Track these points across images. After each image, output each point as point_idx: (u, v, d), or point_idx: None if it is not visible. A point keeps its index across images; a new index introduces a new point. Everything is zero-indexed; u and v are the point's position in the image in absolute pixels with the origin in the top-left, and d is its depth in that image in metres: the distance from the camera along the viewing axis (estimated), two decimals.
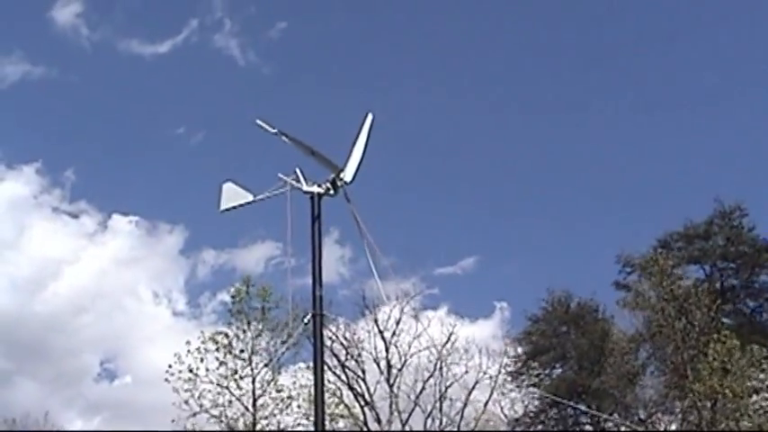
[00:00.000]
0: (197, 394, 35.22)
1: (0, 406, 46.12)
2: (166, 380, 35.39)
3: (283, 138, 14.81)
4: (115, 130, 72.86)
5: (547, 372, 46.52)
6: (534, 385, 45.89)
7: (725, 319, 37.17)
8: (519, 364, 45.36)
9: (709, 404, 33.43)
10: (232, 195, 15.08)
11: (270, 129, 14.77)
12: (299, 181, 14.72)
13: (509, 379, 43.99)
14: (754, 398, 33.74)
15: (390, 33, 76.13)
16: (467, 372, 40.89)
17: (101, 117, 73.40)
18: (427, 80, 72.28)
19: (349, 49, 76.12)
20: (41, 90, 70.79)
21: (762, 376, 33.91)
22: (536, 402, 45.03)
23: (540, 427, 44.90)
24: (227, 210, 15.04)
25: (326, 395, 33.81)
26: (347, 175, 14.97)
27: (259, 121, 14.84)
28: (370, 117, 15.72)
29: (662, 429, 39.91)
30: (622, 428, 41.90)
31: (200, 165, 67.07)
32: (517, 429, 44.04)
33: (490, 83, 73.71)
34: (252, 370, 36.11)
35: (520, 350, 45.68)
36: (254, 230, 54.00)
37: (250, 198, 15.08)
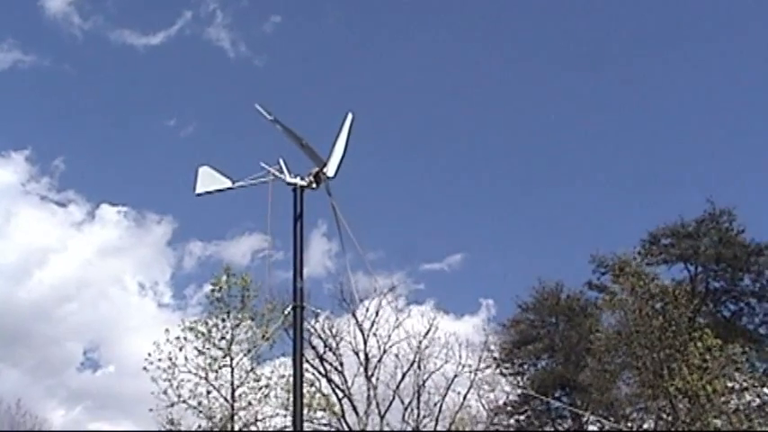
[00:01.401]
0: (175, 384, 35.08)
1: None
2: (145, 368, 35.26)
3: (277, 126, 14.86)
4: (106, 120, 73.45)
5: (533, 362, 46.73)
6: (519, 374, 46.15)
7: (704, 321, 37.36)
8: (504, 353, 45.53)
9: (685, 403, 33.65)
10: (208, 180, 15.05)
11: (267, 115, 14.82)
12: (281, 171, 14.74)
13: (493, 366, 44.11)
14: (732, 397, 34.00)
15: (380, 29, 76.50)
16: (446, 362, 41.13)
17: (92, 107, 73.98)
18: (416, 76, 72.68)
19: (340, 44, 76.36)
20: (32, 78, 71.27)
21: (739, 376, 34.16)
22: (518, 392, 45.22)
23: (522, 417, 45.10)
24: (202, 194, 15.02)
25: (305, 386, 33.82)
26: (330, 170, 15.07)
27: (257, 106, 14.88)
28: (350, 117, 15.96)
29: (637, 428, 40.19)
30: (606, 426, 42.17)
31: (190, 156, 66.29)
32: (496, 422, 44.25)
33: (477, 78, 73.98)
34: (231, 360, 35.98)
35: (506, 338, 45.92)
36: (243, 222, 54.18)
37: (228, 184, 15.07)
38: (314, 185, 14.93)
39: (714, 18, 71.81)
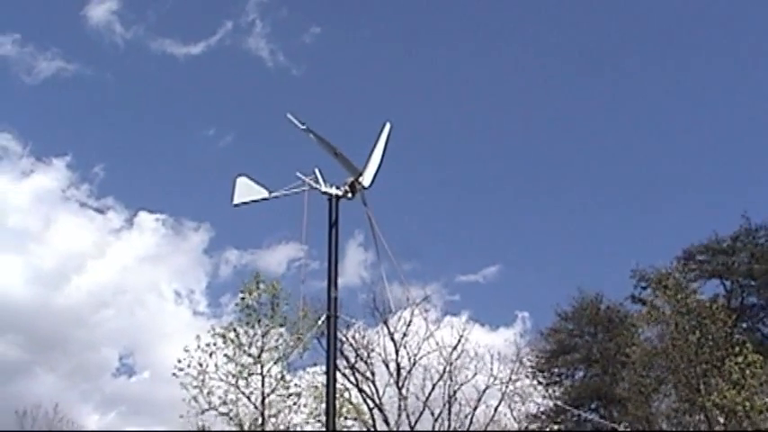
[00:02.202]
0: (206, 391, 35.03)
1: (17, 397, 46.48)
2: (174, 374, 35.24)
3: (310, 135, 14.71)
4: (146, 128, 74.04)
5: (570, 372, 46.19)
6: (555, 383, 45.64)
7: (741, 337, 36.64)
8: (541, 362, 45.02)
9: (722, 419, 33.04)
10: (246, 190, 15.00)
11: (299, 124, 14.69)
12: (317, 181, 14.61)
13: (528, 376, 43.61)
14: None
15: (418, 41, 76.46)
16: (476, 373, 40.72)
17: (132, 115, 74.29)
18: (454, 87, 72.62)
19: (377, 54, 76.63)
20: (75, 86, 71.69)
21: None
22: (554, 402, 44.69)
23: (555, 427, 44.56)
24: (239, 204, 14.96)
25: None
26: (365, 180, 14.89)
27: (289, 116, 14.75)
28: (388, 126, 15.77)
29: None
30: None
31: (228, 165, 67.62)
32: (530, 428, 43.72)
33: (516, 89, 73.94)
34: (261, 368, 35.87)
35: (544, 347, 45.41)
36: (279, 231, 54.08)
37: (265, 194, 14.97)
38: (349, 195, 14.76)
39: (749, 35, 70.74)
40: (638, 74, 72.20)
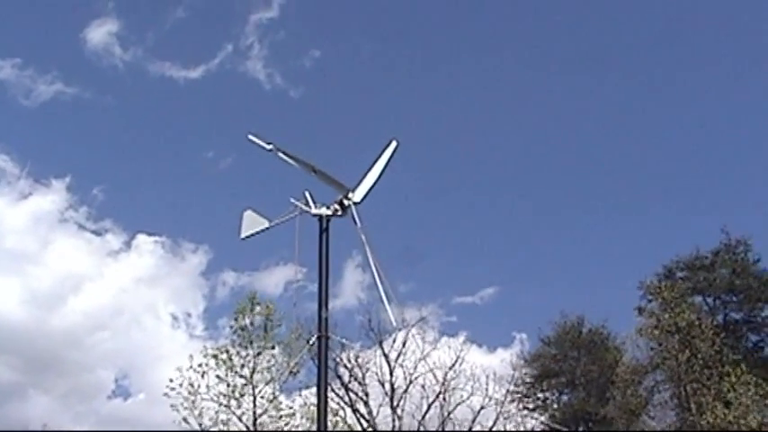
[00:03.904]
0: (197, 412, 34.98)
1: (11, 419, 46.30)
2: (166, 394, 35.18)
3: (280, 154, 14.82)
4: (145, 151, 73.97)
5: (555, 396, 46.25)
6: (541, 408, 45.69)
7: (733, 356, 36.82)
8: (527, 386, 45.07)
9: None
10: (251, 223, 15.45)
11: (264, 145, 14.81)
12: (308, 204, 14.76)
13: (515, 401, 43.68)
14: None
15: (418, 65, 76.90)
16: (472, 394, 40.68)
17: (131, 138, 73.95)
18: (452, 108, 72.86)
19: (377, 75, 76.79)
20: (74, 109, 71.52)
21: None
22: (540, 427, 44.74)
23: None
24: (247, 237, 15.31)
25: (329, 415, 33.57)
26: (356, 195, 14.98)
27: (251, 137, 14.91)
28: (393, 144, 15.82)
29: None
30: None
31: (227, 188, 67.58)
32: None
33: (513, 109, 74.33)
34: (253, 388, 35.84)
35: (529, 371, 45.47)
36: (277, 253, 53.91)
37: (266, 224, 15.24)
38: (339, 213, 14.88)
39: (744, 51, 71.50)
40: (619, 91, 72.87)
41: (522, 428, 43.66)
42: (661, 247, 59.13)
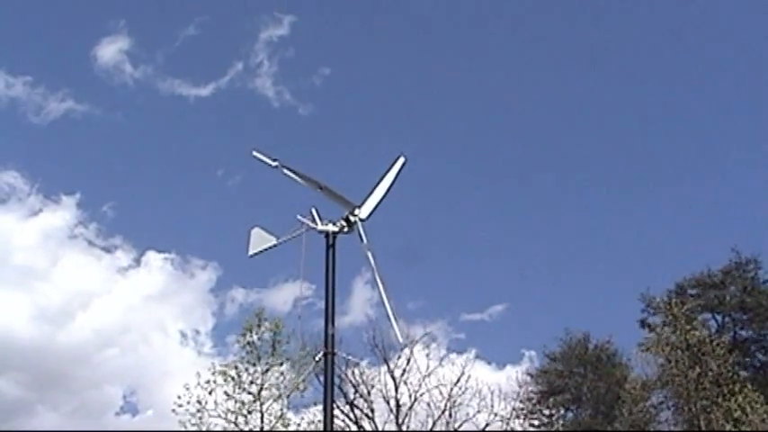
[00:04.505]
0: (204, 428, 34.88)
1: None
2: (174, 411, 35.13)
3: (285, 171, 14.84)
4: (155, 168, 74.32)
5: (560, 412, 46.03)
6: (547, 425, 45.47)
7: (742, 374, 36.67)
8: (533, 403, 44.88)
9: None
10: (258, 240, 15.43)
11: (270, 161, 14.84)
12: (314, 221, 14.77)
13: (520, 418, 43.49)
14: None
15: (427, 80, 76.79)
16: (479, 411, 40.55)
17: (141, 155, 74.69)
18: (460, 124, 73.10)
19: (386, 93, 77.05)
20: (85, 126, 72.02)
21: None
22: None
23: None
24: (254, 254, 15.32)
25: None
26: (363, 212, 14.98)
27: (255, 153, 14.95)
28: (401, 160, 15.77)
29: None
30: None
31: (237, 205, 67.92)
32: None
33: (522, 125, 74.57)
34: (261, 405, 35.76)
35: (534, 388, 45.27)
36: (286, 270, 53.86)
37: (274, 241, 15.26)
38: (345, 229, 14.88)
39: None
40: (632, 104, 73.01)
41: None
42: (669, 263, 59.21)
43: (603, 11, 76.14)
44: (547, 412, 45.70)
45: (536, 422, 45.29)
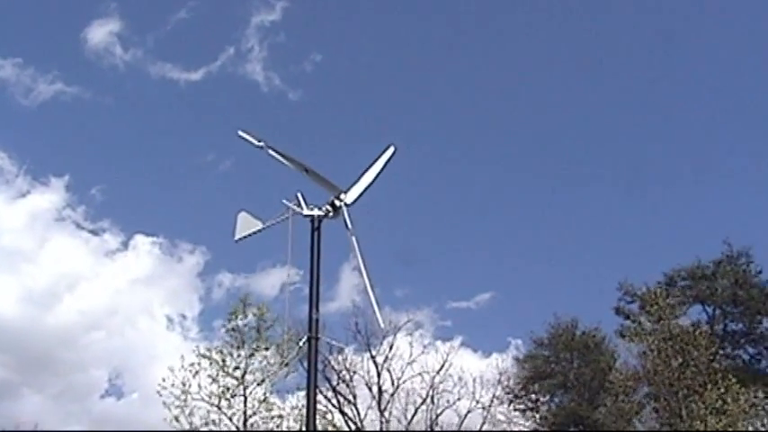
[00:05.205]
0: (188, 411, 34.90)
1: (3, 417, 45.97)
2: (159, 393, 35.13)
3: (270, 152, 14.78)
4: (144, 151, 74.09)
5: (546, 398, 46.29)
6: (532, 410, 45.73)
7: (723, 364, 36.86)
8: (518, 388, 45.11)
9: None
10: (245, 224, 15.44)
11: (255, 142, 14.78)
12: (300, 206, 14.73)
13: (505, 403, 43.71)
14: None
15: (418, 67, 76.75)
16: (459, 398, 40.76)
17: (131, 138, 73.75)
18: (451, 112, 73.06)
19: (377, 79, 76.77)
20: (74, 109, 71.34)
21: (759, 424, 33.66)
22: (532, 427, 44.78)
23: None
24: (241, 239, 15.29)
25: (317, 417, 33.56)
26: (349, 197, 14.96)
27: (241, 133, 14.90)
28: (391, 149, 15.83)
29: None
30: None
31: (226, 190, 67.45)
32: None
33: (512, 114, 74.67)
34: (245, 389, 35.79)
35: (520, 372, 45.52)
36: (273, 255, 53.69)
37: (260, 226, 15.21)
38: (331, 214, 14.86)
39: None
40: (623, 99, 72.98)
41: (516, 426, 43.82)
42: (660, 255, 59.26)
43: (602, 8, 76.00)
44: (533, 397, 45.93)
45: (521, 406, 45.51)
